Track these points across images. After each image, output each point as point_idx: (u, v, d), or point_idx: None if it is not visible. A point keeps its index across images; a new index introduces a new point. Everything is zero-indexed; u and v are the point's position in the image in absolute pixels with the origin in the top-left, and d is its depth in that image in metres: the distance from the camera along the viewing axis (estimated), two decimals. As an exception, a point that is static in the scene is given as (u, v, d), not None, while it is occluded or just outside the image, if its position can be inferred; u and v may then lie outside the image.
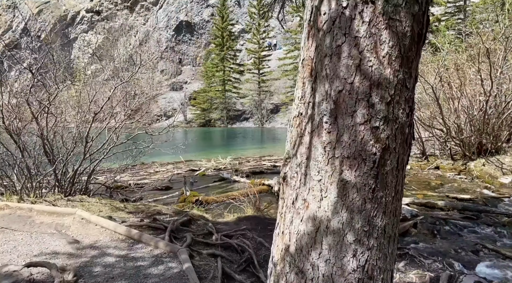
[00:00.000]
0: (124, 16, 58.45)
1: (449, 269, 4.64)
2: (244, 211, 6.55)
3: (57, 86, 5.91)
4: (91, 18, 58.13)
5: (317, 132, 1.56)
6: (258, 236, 5.24)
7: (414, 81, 1.54)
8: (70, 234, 4.65)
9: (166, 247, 4.34)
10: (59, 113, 6.47)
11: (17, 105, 6.08)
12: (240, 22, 56.33)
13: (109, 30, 56.08)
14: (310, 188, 1.59)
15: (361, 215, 1.50)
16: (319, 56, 1.56)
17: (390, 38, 1.44)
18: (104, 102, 6.25)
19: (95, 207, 5.81)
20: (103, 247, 4.34)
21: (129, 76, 6.41)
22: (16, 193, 5.83)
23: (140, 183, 9.87)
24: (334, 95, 1.50)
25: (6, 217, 4.95)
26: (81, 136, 6.58)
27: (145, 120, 7.76)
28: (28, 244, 4.30)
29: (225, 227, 5.58)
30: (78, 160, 6.59)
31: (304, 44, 1.67)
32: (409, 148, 1.60)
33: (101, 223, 4.86)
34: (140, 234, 4.59)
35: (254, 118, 48.01)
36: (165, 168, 13.66)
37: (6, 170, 6.11)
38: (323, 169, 1.54)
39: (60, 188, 6.28)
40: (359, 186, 1.49)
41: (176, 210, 6.08)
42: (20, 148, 5.79)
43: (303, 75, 1.66)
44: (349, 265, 1.51)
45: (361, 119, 1.47)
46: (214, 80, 50.18)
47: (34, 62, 5.88)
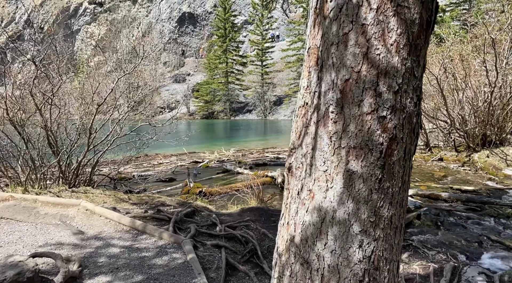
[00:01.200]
0: (127, 8, 58.15)
1: (453, 260, 4.64)
2: (247, 202, 6.56)
3: (60, 77, 5.89)
4: (93, 10, 57.89)
5: (323, 122, 1.54)
6: (261, 227, 5.26)
7: (422, 69, 1.52)
8: (75, 225, 4.68)
9: (170, 238, 4.36)
10: (62, 105, 6.46)
11: (20, 96, 6.07)
12: (243, 13, 55.92)
13: (111, 21, 55.86)
14: (315, 179, 1.58)
15: (367, 205, 1.49)
16: (325, 44, 1.53)
17: (398, 25, 1.41)
18: (107, 94, 6.24)
19: (99, 198, 5.83)
20: (108, 238, 4.37)
21: (132, 68, 6.39)
22: (20, 184, 5.86)
23: (144, 174, 9.90)
24: (341, 84, 1.48)
25: (11, 208, 4.98)
26: (84, 127, 6.58)
27: (148, 112, 7.75)
28: (33, 235, 4.33)
29: (228, 218, 5.59)
30: (82, 152, 6.60)
31: (310, 33, 1.65)
32: (417, 138, 1.57)
33: (105, 214, 4.88)
34: (144, 225, 4.61)
35: (257, 110, 47.88)
36: (169, 160, 13.68)
37: (11, 161, 6.13)
38: (329, 159, 1.53)
39: (64, 180, 6.30)
40: (365, 177, 1.47)
41: (180, 202, 6.09)
42: (24, 139, 5.80)
43: (308, 64, 1.63)
44: (355, 256, 1.50)
45: (368, 108, 1.44)
46: (217, 72, 49.97)
47: (37, 54, 5.86)
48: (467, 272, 4.25)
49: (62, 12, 53.99)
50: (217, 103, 49.12)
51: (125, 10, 57.86)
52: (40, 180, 6.12)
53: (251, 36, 51.18)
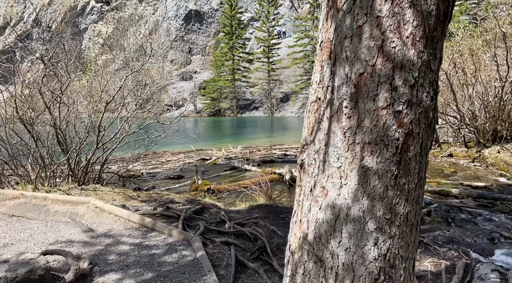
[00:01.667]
0: (134, 6, 58.31)
1: (464, 257, 4.58)
2: (256, 199, 6.54)
3: (69, 75, 5.91)
4: (100, 8, 58.12)
5: (337, 117, 1.51)
6: (270, 224, 5.24)
7: (439, 62, 1.48)
8: (85, 223, 4.69)
9: (179, 235, 4.36)
10: (71, 103, 6.49)
11: (30, 95, 6.11)
12: (249, 10, 55.76)
13: (118, 20, 56.06)
14: (329, 175, 1.54)
15: (382, 202, 1.45)
16: (338, 37, 1.50)
17: (414, 17, 1.37)
18: (115, 92, 6.25)
19: (108, 196, 5.85)
20: (117, 235, 4.38)
21: (140, 65, 6.39)
22: (31, 182, 5.90)
23: (152, 172, 9.93)
24: (355, 78, 1.44)
25: (22, 206, 5.01)
26: (93, 125, 6.60)
27: (156, 110, 7.76)
28: (44, 232, 4.35)
29: (237, 215, 5.58)
30: (90, 150, 6.63)
31: (322, 26, 1.61)
32: (433, 133, 1.54)
33: (114, 211, 4.90)
34: (154, 222, 4.62)
35: (264, 107, 47.79)
36: (177, 157, 13.71)
37: (21, 159, 6.17)
38: (343, 155, 1.49)
39: (74, 177, 6.33)
40: (381, 173, 1.44)
41: (188, 199, 6.09)
42: (34, 137, 5.84)
43: (321, 58, 1.60)
44: (370, 254, 1.47)
45: (383, 103, 1.41)
46: (223, 69, 49.92)
47: (45, 53, 5.88)
48: (480, 270, 4.19)
49: (70, 11, 54.29)
50: (224, 100, 49.10)
51: (132, 8, 58.01)
52: (49, 178, 6.16)
53: (258, 33, 51.04)
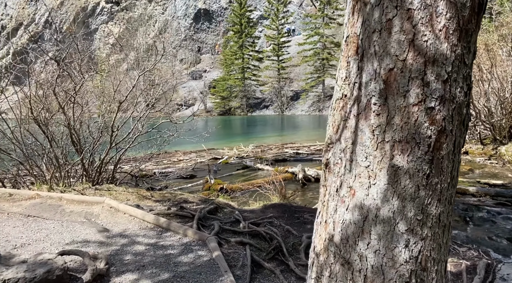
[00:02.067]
0: (143, 6, 58.64)
1: (485, 257, 4.47)
2: (269, 198, 6.50)
3: (82, 76, 5.93)
4: (110, 9, 58.58)
5: (364, 114, 1.45)
6: (285, 223, 5.19)
7: (472, 56, 1.41)
8: (100, 223, 4.70)
9: (194, 235, 4.34)
10: (84, 103, 6.52)
11: (44, 95, 6.15)
12: (258, 8, 55.66)
13: (128, 20, 56.45)
14: (356, 175, 1.49)
15: (414, 203, 1.40)
16: (366, 32, 1.44)
17: (447, 9, 1.31)
18: (128, 91, 6.25)
19: (122, 196, 5.86)
20: (133, 235, 4.37)
21: (153, 65, 6.38)
22: (46, 183, 5.94)
23: (165, 171, 9.95)
24: (384, 74, 1.39)
25: (38, 206, 5.05)
26: (106, 125, 6.62)
27: (168, 110, 7.76)
28: (60, 232, 4.36)
29: (251, 215, 5.54)
30: (104, 149, 6.66)
31: (348, 20, 1.55)
32: (466, 130, 1.47)
33: (129, 211, 4.90)
34: (169, 222, 4.60)
35: (274, 105, 47.71)
36: (188, 157, 13.74)
37: (36, 160, 6.22)
38: (372, 154, 1.44)
39: (88, 177, 6.36)
40: (412, 172, 1.38)
41: (202, 198, 6.07)
42: (48, 138, 5.87)
43: (347, 54, 1.54)
44: (400, 256, 1.41)
45: (415, 99, 1.35)
46: (233, 68, 49.96)
47: (59, 53, 5.91)
48: (502, 270, 4.09)
49: (80, 12, 54.82)
50: (234, 99, 49.12)
51: (141, 8, 58.35)
52: (64, 178, 6.20)
53: (267, 31, 50.91)
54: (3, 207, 5.04)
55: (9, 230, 4.40)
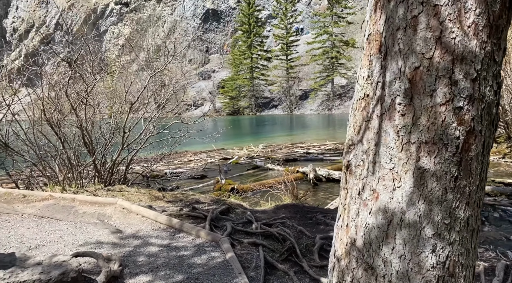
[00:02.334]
0: (152, 7, 58.95)
1: (503, 258, 4.37)
2: (281, 199, 6.46)
3: (94, 77, 5.96)
4: (120, 10, 59.01)
5: (388, 115, 1.40)
6: (298, 224, 5.14)
7: (502, 53, 1.35)
8: (113, 224, 4.71)
9: (207, 236, 4.31)
10: (96, 104, 6.54)
11: (56, 97, 6.18)
12: (267, 7, 55.59)
13: (137, 21, 56.81)
14: (380, 178, 1.44)
15: (441, 206, 1.34)
16: (390, 29, 1.39)
17: (476, 4, 1.25)
18: (139, 92, 6.26)
19: (134, 197, 5.87)
20: (145, 236, 4.37)
21: (164, 65, 6.38)
22: (58, 184, 5.98)
23: (176, 172, 9.97)
24: (409, 73, 1.34)
25: (51, 207, 5.07)
26: (118, 126, 6.64)
27: (178, 110, 7.75)
28: (73, 233, 4.37)
29: (263, 215, 5.50)
30: (115, 150, 6.68)
31: (370, 18, 1.51)
32: (495, 130, 1.41)
33: (142, 212, 4.90)
34: (181, 223, 4.59)
35: (283, 105, 47.62)
36: (198, 157, 13.75)
37: (49, 161, 6.26)
38: (396, 156, 1.39)
39: (100, 178, 6.39)
40: (439, 175, 1.33)
41: (213, 199, 6.05)
42: (61, 139, 5.91)
43: (369, 52, 1.49)
44: (427, 261, 1.36)
45: (442, 98, 1.30)
46: (241, 68, 49.99)
47: (70, 55, 5.94)
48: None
49: (90, 14, 55.32)
50: (243, 99, 49.15)
51: (150, 9, 58.67)
52: (76, 179, 6.23)
53: (275, 31, 50.83)
54: (17, 208, 5.07)
55: (23, 231, 4.42)
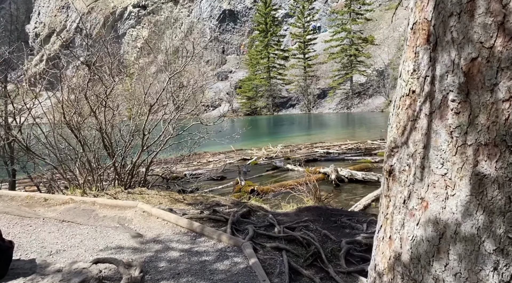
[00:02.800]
0: (169, 9, 59.50)
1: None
2: (303, 201, 6.29)
3: (113, 79, 5.92)
4: (137, 13, 59.80)
5: (439, 113, 1.24)
6: (322, 228, 4.97)
7: None
8: (133, 228, 4.64)
9: (229, 240, 4.19)
10: (115, 107, 6.52)
11: (75, 100, 6.18)
12: (283, 6, 55.35)
13: (155, 23, 57.42)
14: (429, 184, 1.27)
15: (504, 217, 1.17)
16: (440, 16, 1.22)
17: (547, -17, 1.07)
18: (159, 94, 6.20)
19: (154, 199, 5.81)
20: (166, 241, 4.27)
21: (182, 66, 6.30)
22: (79, 187, 5.97)
23: (195, 173, 9.91)
24: (465, 65, 1.17)
25: (72, 211, 5.04)
26: (137, 128, 6.60)
27: (199, 111, 7.68)
28: (94, 238, 4.32)
29: (285, 218, 5.35)
30: (135, 152, 6.64)
31: (415, 4, 1.34)
32: None
33: (162, 216, 4.82)
34: (202, 227, 4.48)
35: (301, 104, 47.28)
36: (217, 158, 13.68)
37: (69, 164, 6.26)
38: (449, 160, 1.22)
39: (120, 181, 6.35)
40: (501, 181, 1.15)
41: (234, 201, 5.94)
42: (80, 142, 5.89)
43: (415, 43, 1.33)
44: (488, 280, 1.19)
45: (505, 94, 1.12)
46: (258, 68, 49.88)
47: (89, 57, 5.92)
48: None
49: (109, 18, 56.23)
50: (260, 99, 49.04)
51: (167, 11, 59.22)
52: (97, 181, 6.21)
53: (292, 29, 50.53)
54: (39, 212, 5.07)
55: (44, 235, 4.40)
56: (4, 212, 5.10)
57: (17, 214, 5.01)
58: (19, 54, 6.61)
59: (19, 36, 56.71)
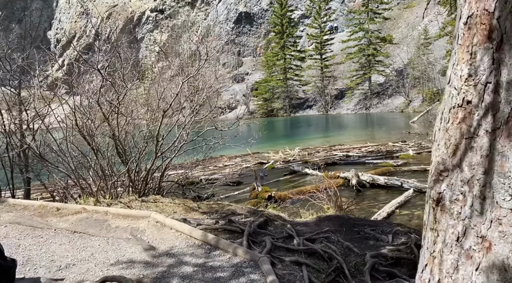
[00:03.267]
0: (186, 13, 59.92)
1: None
2: (323, 209, 6.00)
3: (125, 84, 5.78)
4: (155, 17, 60.42)
5: (507, 130, 0.97)
6: (344, 239, 4.68)
7: None
8: (146, 239, 4.45)
9: (245, 254, 3.95)
10: (129, 113, 6.38)
11: (89, 106, 6.06)
12: (299, 7, 54.98)
13: (172, 27, 57.91)
14: (493, 220, 1.01)
15: None
16: (508, 6, 0.95)
17: None
18: (172, 99, 6.02)
19: (169, 208, 5.63)
20: (180, 254, 4.07)
21: (196, 70, 6.11)
22: (92, 195, 5.84)
23: (211, 178, 9.72)
24: (543, 69, 0.90)
25: (84, 221, 4.90)
26: (151, 134, 6.44)
27: (214, 114, 7.49)
28: (105, 251, 4.15)
29: (305, 228, 5.08)
30: (149, 159, 6.48)
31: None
32: None
33: (176, 226, 4.62)
34: (217, 239, 4.26)
35: (318, 105, 46.75)
36: (233, 162, 13.48)
37: (82, 172, 6.15)
38: (522, 190, 0.95)
39: (134, 188, 6.20)
40: None
41: (250, 210, 5.70)
42: (94, 149, 5.76)
43: (470, 41, 1.06)
44: None
45: None
46: (275, 69, 49.59)
47: (102, 61, 5.80)
48: None
49: (127, 23, 56.98)
50: (276, 100, 48.74)
51: (185, 15, 59.64)
52: (110, 188, 6.08)
53: (309, 30, 50.09)
54: (51, 222, 4.95)
55: (55, 248, 4.26)
56: (16, 222, 5.00)
57: (29, 225, 4.90)
58: (35, 59, 6.54)
59: (42, 42, 58.08)
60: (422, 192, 7.59)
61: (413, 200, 7.35)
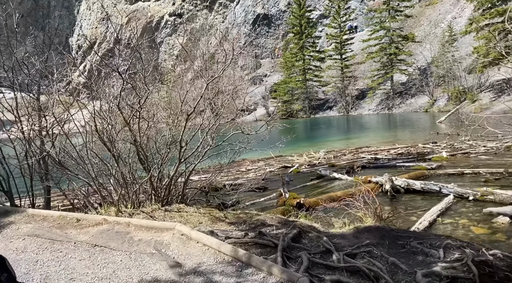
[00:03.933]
0: (204, 16, 60.09)
1: None
2: (359, 218, 5.52)
3: (147, 87, 5.46)
4: (174, 21, 60.85)
5: None
6: (387, 254, 4.21)
7: None
8: (171, 254, 4.10)
9: (281, 274, 3.53)
10: (150, 117, 6.07)
11: (109, 110, 5.78)
12: (318, 7, 54.36)
13: (191, 31, 58.14)
14: None
15: None
16: None
17: None
18: (197, 101, 5.68)
19: (194, 218, 5.27)
20: (208, 272, 3.69)
21: (222, 69, 5.75)
22: (113, 204, 5.54)
23: (235, 184, 9.34)
24: None
25: (105, 234, 4.59)
26: (174, 139, 6.12)
27: (237, 118, 7.12)
28: (128, 267, 3.82)
29: (342, 241, 4.63)
30: (172, 164, 6.16)
31: None
32: None
33: (203, 240, 4.25)
34: (249, 255, 3.86)
35: (338, 106, 45.98)
36: (256, 165, 13.09)
37: (103, 180, 5.87)
38: None
39: (157, 197, 5.88)
40: None
41: (281, 220, 5.29)
42: (114, 157, 5.47)
43: None
44: None
45: None
46: (293, 70, 49.10)
47: (122, 65, 5.52)
48: None
49: (146, 27, 57.53)
50: (296, 102, 48.23)
51: (203, 19, 59.80)
52: (132, 196, 5.77)
53: (328, 30, 49.42)
54: (70, 235, 4.66)
55: (74, 264, 3.95)
56: (35, 235, 4.73)
57: (47, 237, 4.63)
58: (53, 63, 6.32)
59: (64, 48, 59.21)
60: (464, 198, 7.02)
61: (454, 207, 6.78)
